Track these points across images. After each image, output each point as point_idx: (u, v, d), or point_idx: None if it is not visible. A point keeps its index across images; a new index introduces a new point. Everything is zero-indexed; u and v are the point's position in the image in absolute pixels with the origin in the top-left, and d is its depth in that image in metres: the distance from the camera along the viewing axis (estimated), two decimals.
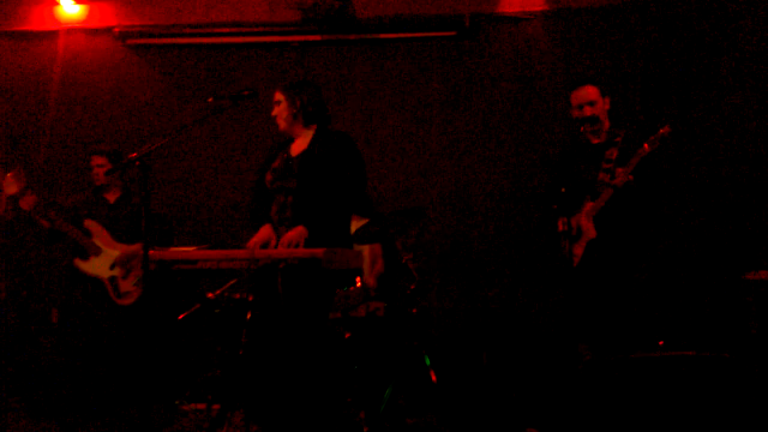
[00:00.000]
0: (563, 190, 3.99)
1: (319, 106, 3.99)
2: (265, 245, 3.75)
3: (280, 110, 3.98)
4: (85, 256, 4.84)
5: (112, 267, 4.83)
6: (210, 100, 3.78)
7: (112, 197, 5.06)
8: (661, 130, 4.07)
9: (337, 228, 3.82)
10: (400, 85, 5.91)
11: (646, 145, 4.07)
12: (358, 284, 4.50)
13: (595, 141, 4.37)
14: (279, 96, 3.98)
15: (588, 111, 4.34)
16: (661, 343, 4.17)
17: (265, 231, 3.80)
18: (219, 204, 5.93)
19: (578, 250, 4.27)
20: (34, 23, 6.06)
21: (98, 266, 4.84)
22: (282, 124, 3.98)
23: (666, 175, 4.24)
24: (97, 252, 4.84)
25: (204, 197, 5.98)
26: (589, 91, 4.36)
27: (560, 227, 4.30)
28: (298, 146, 3.97)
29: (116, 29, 6.00)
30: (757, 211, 5.06)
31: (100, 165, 5.00)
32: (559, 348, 5.03)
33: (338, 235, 3.80)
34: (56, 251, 5.58)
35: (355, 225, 4.67)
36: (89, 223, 4.89)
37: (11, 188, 4.62)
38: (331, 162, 3.84)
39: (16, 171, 4.64)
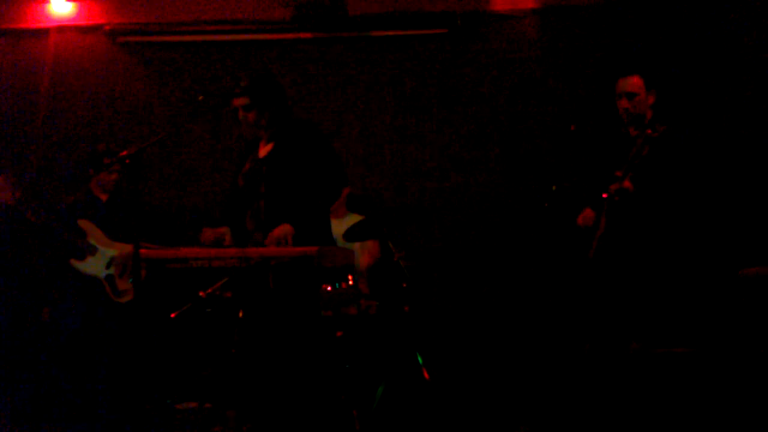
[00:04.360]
0: (554, 188, 3.96)
1: (285, 105, 3.87)
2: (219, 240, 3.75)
3: (247, 117, 3.80)
4: (81, 256, 4.82)
5: (108, 266, 4.81)
6: (200, 98, 3.79)
7: (104, 196, 5.04)
8: (648, 130, 3.96)
9: (315, 225, 3.74)
10: (393, 83, 5.89)
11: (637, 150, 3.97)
12: (351, 282, 4.49)
13: (632, 132, 4.21)
14: (245, 101, 3.78)
15: (625, 103, 4.17)
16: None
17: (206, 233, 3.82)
18: (216, 203, 5.88)
19: (593, 242, 4.21)
20: (24, 21, 6.02)
21: (94, 265, 4.82)
22: (248, 131, 3.85)
23: (672, 181, 4.13)
24: (93, 251, 4.82)
25: (201, 196, 5.94)
26: (631, 82, 4.16)
27: (579, 221, 4.27)
28: (265, 147, 3.88)
29: (107, 27, 5.95)
30: (755, 205, 5.06)
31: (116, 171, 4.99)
32: (552, 346, 5.04)
33: (317, 232, 3.74)
34: (49, 249, 5.55)
35: (348, 222, 4.68)
36: (83, 223, 4.88)
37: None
38: (299, 158, 3.76)
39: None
